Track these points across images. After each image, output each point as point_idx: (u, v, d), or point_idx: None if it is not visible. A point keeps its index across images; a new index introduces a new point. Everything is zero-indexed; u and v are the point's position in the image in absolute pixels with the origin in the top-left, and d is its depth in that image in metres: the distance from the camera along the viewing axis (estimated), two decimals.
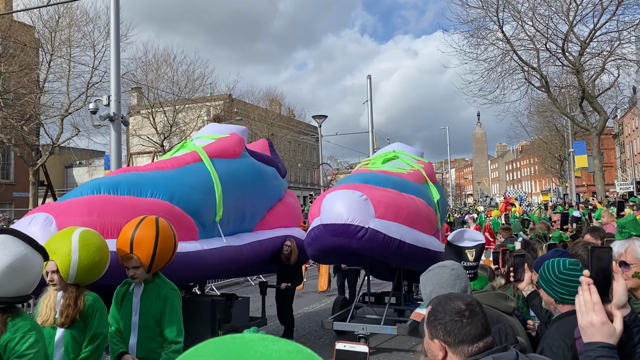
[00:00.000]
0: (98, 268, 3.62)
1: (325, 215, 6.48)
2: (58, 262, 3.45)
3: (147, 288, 3.83)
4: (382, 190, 6.86)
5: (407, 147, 9.85)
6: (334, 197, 6.55)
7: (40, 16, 24.87)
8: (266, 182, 7.76)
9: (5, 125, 23.35)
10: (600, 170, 27.08)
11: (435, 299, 1.93)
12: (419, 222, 6.93)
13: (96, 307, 3.53)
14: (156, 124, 32.62)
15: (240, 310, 7.60)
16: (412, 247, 6.62)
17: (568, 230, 9.04)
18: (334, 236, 6.43)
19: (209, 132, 7.95)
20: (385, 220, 6.40)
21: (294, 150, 56.19)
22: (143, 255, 3.82)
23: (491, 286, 3.60)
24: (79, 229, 3.65)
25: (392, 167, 8.53)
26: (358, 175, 7.69)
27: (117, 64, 11.55)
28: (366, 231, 6.23)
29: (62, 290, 3.49)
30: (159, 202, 5.58)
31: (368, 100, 24.06)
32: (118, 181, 5.75)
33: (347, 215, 6.27)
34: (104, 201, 5.27)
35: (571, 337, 2.23)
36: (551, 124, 45.96)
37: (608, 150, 63.40)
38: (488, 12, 24.82)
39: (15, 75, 23.16)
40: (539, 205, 29.74)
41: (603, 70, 25.72)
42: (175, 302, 3.82)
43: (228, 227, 6.71)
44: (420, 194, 7.61)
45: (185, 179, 6.19)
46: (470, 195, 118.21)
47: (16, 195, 32.73)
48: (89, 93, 24.64)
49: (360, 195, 6.43)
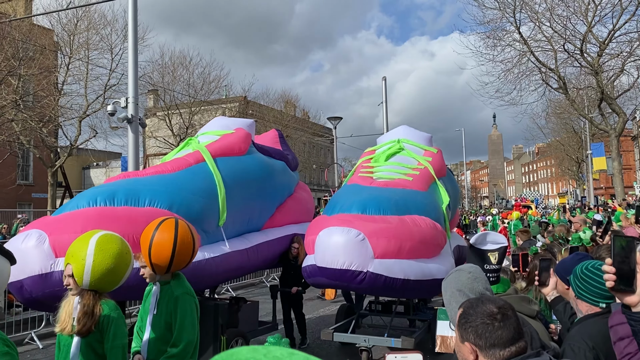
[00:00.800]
0: (114, 275, 3.43)
1: (320, 257, 5.89)
2: (73, 266, 3.37)
3: (163, 289, 3.79)
4: (381, 223, 6.03)
5: (413, 133, 8.86)
6: (329, 236, 5.85)
7: (59, 19, 25.23)
8: (275, 178, 7.47)
9: (25, 127, 23.69)
10: (619, 172, 26.68)
11: (467, 301, 1.90)
12: (425, 250, 6.21)
13: (112, 318, 3.37)
14: (172, 125, 32.87)
15: (248, 315, 7.35)
16: (418, 282, 6.02)
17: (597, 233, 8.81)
18: (331, 280, 5.94)
19: (215, 128, 7.66)
20: (386, 259, 5.79)
21: (309, 151, 56.24)
22: (159, 259, 3.73)
23: (514, 289, 3.55)
24: (100, 233, 3.53)
25: (396, 169, 7.71)
26: (356, 197, 6.65)
27: (134, 66, 11.65)
28: (365, 275, 5.69)
29: (79, 295, 3.39)
30: (157, 211, 5.37)
31: (383, 101, 24.00)
32: (115, 190, 5.59)
33: (343, 259, 5.68)
34: (99, 215, 5.13)
35: (593, 339, 2.25)
36: (568, 126, 45.42)
37: (627, 152, 62.43)
38: (505, 13, 24.64)
39: (35, 78, 23.49)
40: (557, 208, 29.37)
41: (622, 71, 25.37)
42: (186, 306, 3.71)
43: (234, 229, 6.51)
44: (427, 208, 6.73)
45: (186, 183, 6.00)
46: (486, 198, 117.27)
47: (35, 196, 33.22)
48: (107, 95, 24.91)
49: (356, 235, 5.74)
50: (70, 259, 3.40)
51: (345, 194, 7.10)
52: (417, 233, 6.09)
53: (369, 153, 8.52)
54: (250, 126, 7.79)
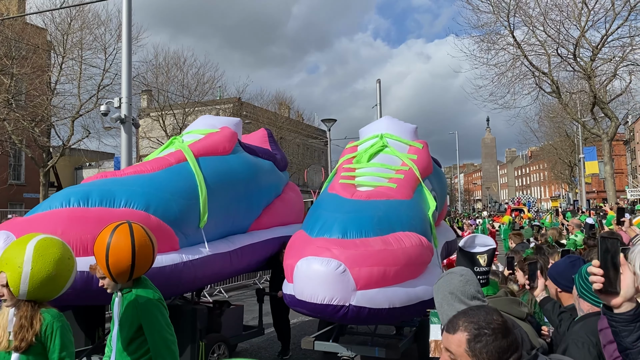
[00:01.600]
0: (56, 283, 3.09)
1: (299, 290, 5.52)
2: (8, 275, 3.02)
3: (125, 297, 3.49)
4: (363, 248, 5.59)
5: (397, 125, 8.23)
6: (308, 266, 5.44)
7: (53, 19, 25.11)
8: (261, 178, 7.26)
9: (17, 126, 23.55)
10: (611, 176, 26.84)
11: (466, 309, 1.92)
12: (411, 272, 5.80)
13: (55, 327, 3.04)
14: (166, 126, 32.80)
15: (232, 320, 7.12)
16: (404, 307, 5.67)
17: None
18: (312, 312, 5.61)
19: (200, 127, 7.45)
20: (370, 289, 5.39)
21: (303, 153, 56.23)
22: (118, 267, 3.40)
23: (504, 291, 3.57)
24: (38, 237, 3.18)
25: (379, 173, 7.24)
26: (337, 215, 6.18)
27: (128, 66, 11.60)
28: (347, 309, 5.33)
29: (14, 307, 3.07)
30: (132, 212, 5.19)
31: (377, 104, 24.02)
32: (89, 191, 5.40)
33: (323, 294, 5.30)
34: (70, 216, 4.95)
35: (596, 335, 2.27)
36: (561, 130, 45.72)
37: (619, 156, 62.92)
38: (499, 17, 24.75)
39: (28, 77, 23.37)
40: (549, 211, 29.50)
41: (615, 75, 25.52)
42: (154, 314, 3.43)
43: (217, 231, 6.29)
44: (412, 221, 6.31)
45: (165, 184, 5.79)
46: (479, 201, 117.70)
47: (27, 196, 33.04)
48: (100, 95, 24.80)
49: (336, 267, 5.32)
50: (4, 267, 3.04)
51: (326, 207, 6.60)
52: (402, 256, 5.69)
53: (350, 150, 8.02)
54: (237, 125, 7.59)
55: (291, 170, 18.62)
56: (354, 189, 6.89)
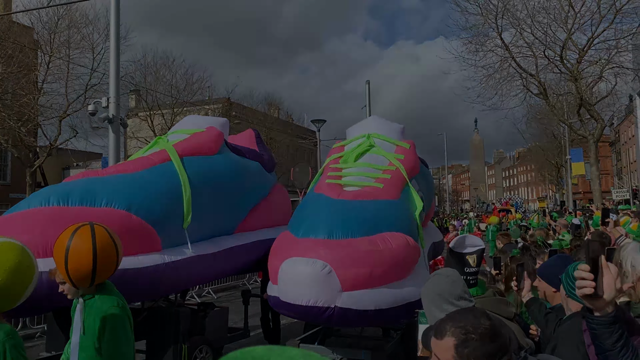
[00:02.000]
0: (10, 293, 2.78)
1: (283, 292, 5.42)
2: None
3: (88, 304, 3.29)
4: (349, 248, 5.49)
5: (384, 125, 8.17)
6: (292, 267, 5.36)
7: (40, 17, 24.90)
8: (247, 178, 7.19)
9: (3, 126, 23.29)
10: (597, 177, 27.14)
11: (454, 314, 1.93)
12: (397, 272, 5.71)
13: (7, 345, 2.67)
14: (154, 126, 32.61)
15: (216, 322, 7.01)
16: (392, 309, 5.59)
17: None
18: (297, 315, 5.55)
19: (185, 126, 7.36)
20: (356, 290, 5.29)
21: (292, 154, 56.18)
22: (78, 271, 3.21)
23: (492, 292, 3.60)
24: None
25: (366, 172, 7.16)
26: (322, 215, 6.09)
27: (116, 66, 11.54)
28: (333, 310, 5.24)
29: None
30: (112, 212, 5.08)
31: (366, 105, 24.09)
32: (70, 189, 5.29)
33: (308, 296, 5.21)
34: (49, 216, 4.81)
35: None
36: (548, 131, 46.13)
37: (605, 157, 63.59)
38: (487, 19, 24.93)
39: (14, 76, 23.12)
40: (537, 212, 29.74)
41: (601, 78, 25.81)
42: (117, 321, 3.24)
43: (201, 232, 6.20)
44: (399, 222, 6.22)
45: (147, 183, 5.70)
46: (467, 202, 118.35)
47: (13, 196, 32.59)
48: (88, 95, 24.63)
49: (322, 267, 5.22)
50: None
51: (311, 207, 6.53)
52: (389, 256, 5.59)
53: (337, 150, 7.89)
54: (224, 125, 7.52)
55: (280, 171, 18.59)
56: (340, 189, 6.79)
